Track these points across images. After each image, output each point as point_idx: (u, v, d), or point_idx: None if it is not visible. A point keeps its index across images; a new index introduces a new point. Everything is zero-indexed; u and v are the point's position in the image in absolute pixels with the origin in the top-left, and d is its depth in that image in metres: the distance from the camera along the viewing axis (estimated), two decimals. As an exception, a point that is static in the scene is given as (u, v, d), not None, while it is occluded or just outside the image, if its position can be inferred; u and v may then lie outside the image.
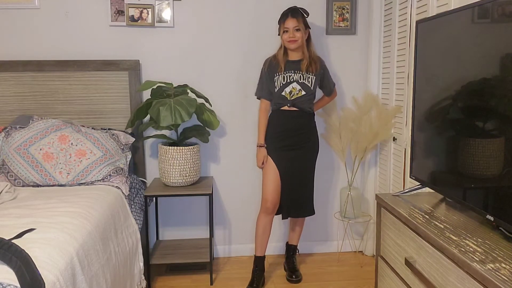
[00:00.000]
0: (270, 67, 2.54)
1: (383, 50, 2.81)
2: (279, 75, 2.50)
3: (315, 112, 2.63)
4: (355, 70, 2.96)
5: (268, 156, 2.55)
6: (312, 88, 2.51)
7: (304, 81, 2.50)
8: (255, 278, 2.58)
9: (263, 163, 2.57)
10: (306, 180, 2.60)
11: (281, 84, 2.50)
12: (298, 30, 2.42)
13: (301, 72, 2.49)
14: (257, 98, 2.65)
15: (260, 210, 2.59)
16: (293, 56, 2.51)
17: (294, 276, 2.68)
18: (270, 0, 2.83)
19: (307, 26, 2.48)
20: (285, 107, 2.51)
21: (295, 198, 2.57)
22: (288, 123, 2.52)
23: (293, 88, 2.49)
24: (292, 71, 2.49)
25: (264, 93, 2.59)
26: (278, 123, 2.55)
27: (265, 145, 2.57)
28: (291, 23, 2.42)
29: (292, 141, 2.52)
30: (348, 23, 2.90)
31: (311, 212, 2.65)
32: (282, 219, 2.64)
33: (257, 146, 2.60)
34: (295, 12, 2.44)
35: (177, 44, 2.84)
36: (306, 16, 2.48)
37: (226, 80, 2.90)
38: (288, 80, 2.49)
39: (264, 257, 2.62)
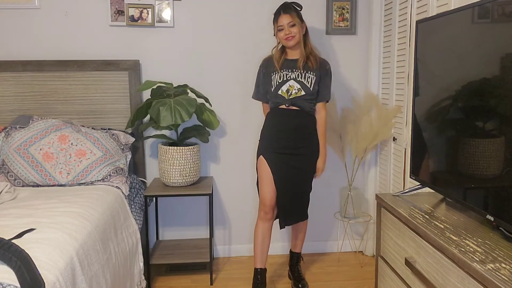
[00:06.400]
0: (268, 66, 2.43)
1: (383, 50, 2.81)
2: (276, 73, 2.38)
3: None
4: (355, 70, 2.96)
5: (262, 158, 2.38)
6: (311, 88, 2.35)
7: (303, 80, 2.35)
8: None
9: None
10: (302, 189, 2.45)
11: (277, 83, 2.37)
12: (293, 25, 2.29)
13: (299, 71, 2.35)
14: (257, 100, 2.57)
15: (258, 216, 2.44)
16: (292, 55, 2.38)
17: (300, 286, 2.56)
18: (271, 0, 2.83)
19: (302, 20, 2.35)
20: (283, 106, 2.36)
21: (290, 205, 2.42)
22: (285, 122, 2.37)
23: (290, 86, 2.34)
24: (290, 70, 2.36)
25: (260, 95, 2.50)
26: (275, 121, 2.40)
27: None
28: (284, 19, 2.30)
29: (289, 142, 2.36)
30: (348, 23, 2.89)
31: (304, 217, 2.51)
32: (280, 228, 2.47)
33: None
34: (287, 8, 2.32)
35: (177, 44, 2.84)
36: (299, 9, 2.36)
37: (226, 80, 2.90)
38: (285, 78, 2.36)
39: (265, 269, 2.46)
